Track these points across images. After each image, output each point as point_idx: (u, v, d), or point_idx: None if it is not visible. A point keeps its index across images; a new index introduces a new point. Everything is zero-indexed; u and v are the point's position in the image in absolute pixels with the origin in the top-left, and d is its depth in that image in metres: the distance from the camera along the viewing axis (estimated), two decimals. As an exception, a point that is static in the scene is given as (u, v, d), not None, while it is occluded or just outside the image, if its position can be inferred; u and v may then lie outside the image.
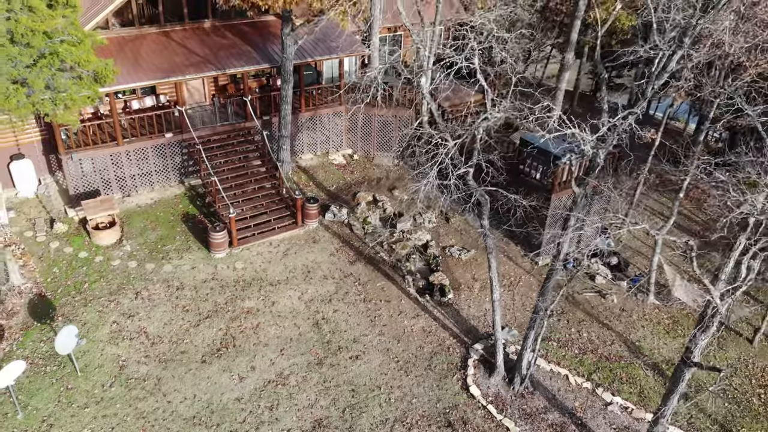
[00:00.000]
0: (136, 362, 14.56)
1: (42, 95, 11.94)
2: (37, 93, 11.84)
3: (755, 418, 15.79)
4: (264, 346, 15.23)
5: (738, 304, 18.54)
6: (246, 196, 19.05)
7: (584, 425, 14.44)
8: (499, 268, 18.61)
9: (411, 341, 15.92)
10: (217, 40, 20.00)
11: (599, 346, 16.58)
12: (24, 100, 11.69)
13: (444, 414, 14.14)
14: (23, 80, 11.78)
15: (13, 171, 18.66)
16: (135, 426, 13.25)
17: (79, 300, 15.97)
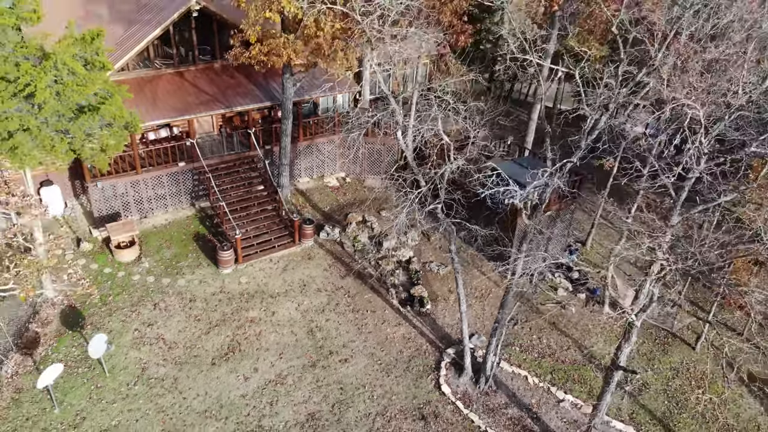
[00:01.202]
0: (156, 364, 16.74)
1: (82, 143, 14.16)
2: (77, 141, 14.06)
3: (692, 415, 18.00)
4: (265, 350, 17.43)
5: (680, 316, 20.82)
6: (250, 217, 21.27)
7: (539, 419, 16.64)
8: (473, 282, 20.88)
9: (392, 346, 18.13)
10: (225, 80, 22.28)
11: (556, 351, 18.80)
12: (66, 148, 13.91)
13: (419, 409, 16.34)
14: (66, 131, 14.01)
15: (42, 196, 20.85)
16: (156, 419, 15.43)
17: (104, 310, 18.17)
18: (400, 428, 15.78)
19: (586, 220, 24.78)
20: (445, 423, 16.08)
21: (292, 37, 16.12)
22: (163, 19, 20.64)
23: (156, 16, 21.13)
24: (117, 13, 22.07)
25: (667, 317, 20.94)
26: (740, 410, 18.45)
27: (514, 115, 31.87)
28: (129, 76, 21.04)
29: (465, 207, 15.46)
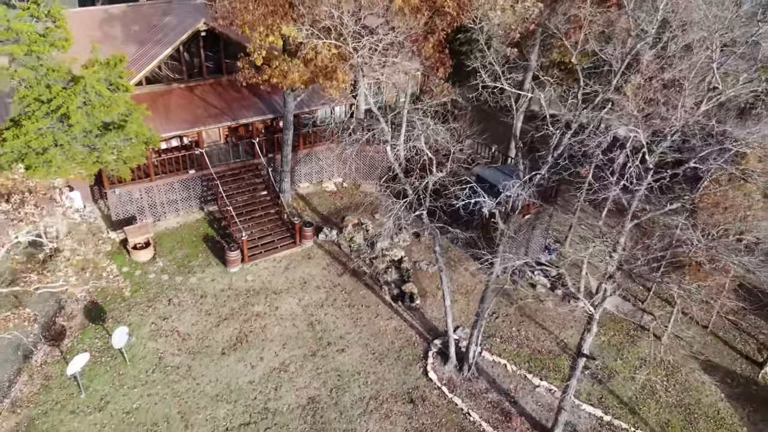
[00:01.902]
0: (171, 354, 18.43)
1: (107, 156, 15.80)
2: (103, 155, 15.70)
3: (656, 400, 19.71)
4: (270, 341, 19.12)
5: (641, 302, 22.51)
6: (254, 220, 22.93)
7: (516, 402, 18.35)
8: (459, 280, 22.57)
9: (385, 338, 19.82)
10: (231, 94, 23.92)
11: (534, 342, 20.51)
12: (95, 160, 15.55)
13: (408, 393, 18.04)
14: (93, 146, 15.65)
15: (64, 201, 22.48)
16: (172, 402, 17.12)
17: (124, 306, 19.84)
18: (391, 410, 17.49)
19: (567, 222, 26.45)
20: (431, 406, 17.79)
21: (295, 61, 17.77)
22: (173, 38, 22.26)
23: (166, 36, 22.76)
24: (130, 34, 23.68)
25: (636, 311, 22.67)
26: (702, 398, 20.17)
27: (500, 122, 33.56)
28: (143, 91, 22.65)
29: (446, 213, 17.15)
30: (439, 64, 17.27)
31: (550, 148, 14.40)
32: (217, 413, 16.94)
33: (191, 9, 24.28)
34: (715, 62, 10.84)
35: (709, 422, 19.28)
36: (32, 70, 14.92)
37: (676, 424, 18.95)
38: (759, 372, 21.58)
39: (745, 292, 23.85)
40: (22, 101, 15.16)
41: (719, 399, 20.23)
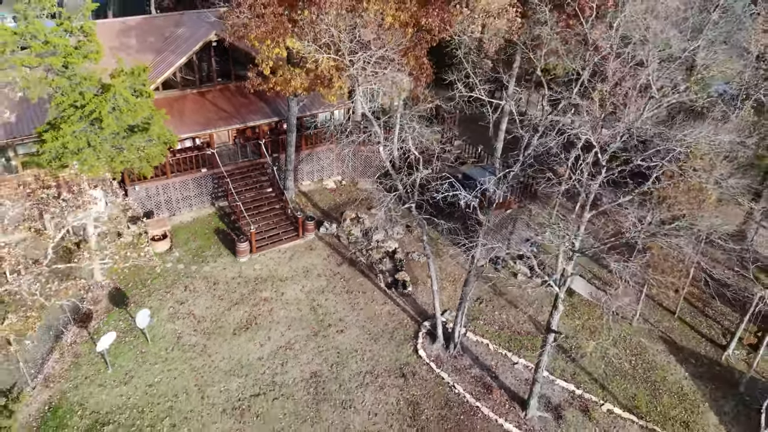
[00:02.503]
0: (188, 334, 20.39)
1: (132, 155, 17.75)
2: (129, 154, 17.65)
3: (624, 377, 21.64)
4: (276, 323, 21.09)
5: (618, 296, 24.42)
6: (261, 215, 24.87)
7: (497, 377, 20.31)
8: (447, 269, 24.52)
9: (380, 320, 21.79)
10: (239, 99, 25.86)
11: (514, 324, 22.47)
12: (123, 159, 17.50)
13: (400, 368, 20.00)
14: (121, 147, 17.60)
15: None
16: (190, 376, 19.08)
17: (144, 291, 21.80)
18: (385, 383, 19.46)
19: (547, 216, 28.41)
20: (420, 380, 19.76)
21: (297, 70, 19.70)
22: (187, 48, 24.21)
23: (180, 47, 24.69)
24: (146, 44, 25.62)
25: (606, 295, 24.58)
26: (668, 375, 22.12)
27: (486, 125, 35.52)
28: (159, 96, 24.56)
29: (432, 206, 19.14)
30: (420, 73, 19.21)
31: (520, 148, 16.35)
32: (230, 386, 18.92)
33: (201, 21, 26.21)
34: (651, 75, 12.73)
35: (673, 397, 21.23)
36: (67, 79, 16.85)
37: (641, 398, 20.90)
38: (722, 354, 23.54)
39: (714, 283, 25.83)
40: (58, 107, 17.09)
41: (683, 377, 22.19)
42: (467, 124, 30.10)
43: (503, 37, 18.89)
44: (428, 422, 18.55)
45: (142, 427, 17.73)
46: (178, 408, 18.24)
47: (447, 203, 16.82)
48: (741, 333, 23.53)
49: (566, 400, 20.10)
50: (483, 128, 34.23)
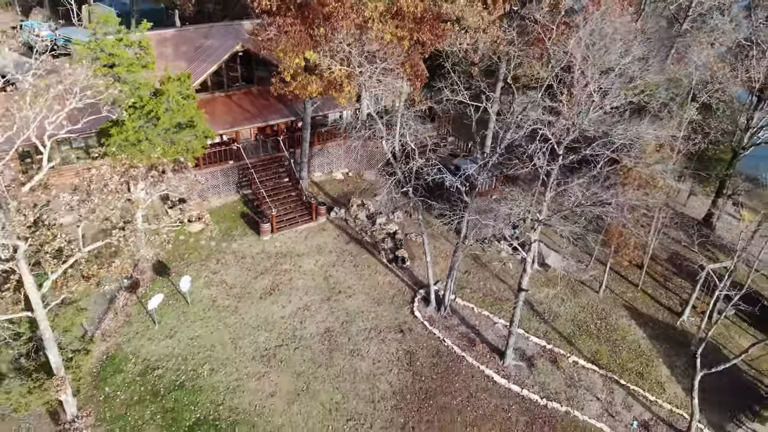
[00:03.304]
0: (222, 298, 24.14)
1: (180, 148, 21.51)
2: (179, 146, 21.41)
3: (589, 336, 25.31)
4: (295, 290, 24.82)
5: (585, 270, 28.14)
6: (280, 201, 28.60)
7: (479, 334, 24.01)
8: (441, 247, 28.20)
9: (382, 288, 25.50)
10: (261, 100, 29.60)
11: (496, 293, 26.17)
12: (174, 150, 21.27)
13: (398, 326, 23.72)
14: (171, 141, 21.36)
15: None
16: (225, 331, 22.83)
17: (182, 264, 25.56)
18: (386, 337, 23.19)
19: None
20: (416, 335, 23.48)
21: (313, 77, 23.40)
22: (217, 58, 27.96)
23: (211, 56, 28.44)
24: (180, 53, 29.36)
25: (579, 270, 28.30)
26: (628, 335, 25.78)
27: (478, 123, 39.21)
28: (192, 99, 28.32)
29: (426, 189, 22.83)
30: (416, 78, 22.86)
31: (498, 142, 20.05)
32: (258, 339, 22.67)
33: (228, 33, 29.96)
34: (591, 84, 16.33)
35: (631, 353, 24.89)
36: (129, 84, 20.61)
37: (603, 353, 24.57)
38: (677, 320, 27.20)
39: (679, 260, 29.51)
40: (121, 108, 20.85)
41: (641, 338, 25.85)
42: (459, 123, 33.82)
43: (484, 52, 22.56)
44: (422, 367, 22.29)
45: (186, 371, 21.49)
46: (215, 356, 22.01)
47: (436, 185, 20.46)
48: (694, 302, 27.23)
49: (538, 353, 23.80)
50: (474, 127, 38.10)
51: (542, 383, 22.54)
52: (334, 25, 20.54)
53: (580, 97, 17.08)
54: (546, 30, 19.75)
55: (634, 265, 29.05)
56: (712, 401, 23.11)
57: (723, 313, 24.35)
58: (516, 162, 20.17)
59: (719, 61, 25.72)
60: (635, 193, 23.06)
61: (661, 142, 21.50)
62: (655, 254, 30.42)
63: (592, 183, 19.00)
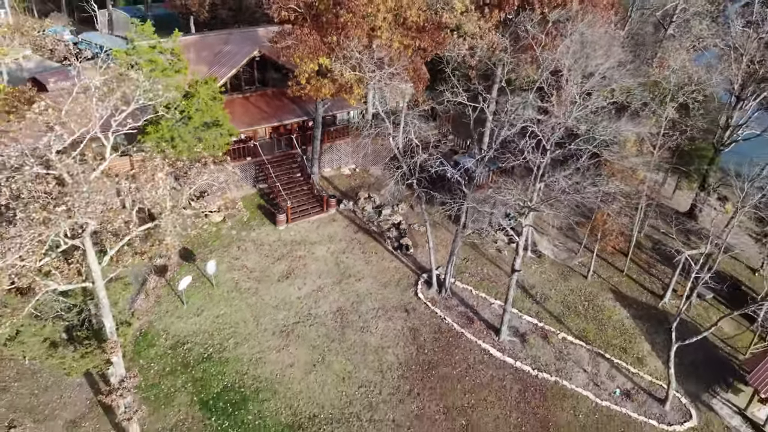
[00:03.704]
0: (243, 281, 26.42)
1: (208, 144, 23.80)
2: (206, 143, 23.69)
3: (578, 316, 27.58)
4: (309, 274, 27.09)
5: (575, 257, 30.40)
6: (293, 194, 30.88)
7: (477, 313, 26.28)
8: (442, 236, 30.48)
9: (388, 273, 27.77)
10: (275, 101, 31.87)
11: (492, 277, 28.44)
12: (202, 147, 23.56)
13: (403, 306, 25.98)
14: (200, 138, 23.65)
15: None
16: (247, 310, 25.10)
17: (206, 251, 27.83)
18: (392, 316, 25.47)
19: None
20: (419, 314, 25.76)
21: (326, 81, 25.69)
22: (236, 62, 30.23)
23: (230, 61, 30.72)
24: (201, 58, 31.62)
25: (569, 257, 30.58)
26: (613, 316, 28.06)
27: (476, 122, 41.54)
28: (213, 100, 30.61)
29: (429, 182, 25.14)
30: (419, 80, 25.15)
31: (494, 138, 22.33)
32: (277, 317, 24.95)
33: (245, 39, 32.23)
34: (575, 87, 18.56)
35: (615, 331, 27.17)
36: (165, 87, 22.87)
37: (590, 330, 26.86)
38: (659, 302, 29.48)
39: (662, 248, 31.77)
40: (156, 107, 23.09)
41: (625, 317, 28.13)
42: (458, 122, 36.09)
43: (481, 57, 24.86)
44: (425, 342, 24.58)
45: (213, 345, 23.77)
46: (239, 332, 24.29)
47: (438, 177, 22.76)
48: (675, 286, 29.48)
49: (530, 330, 26.08)
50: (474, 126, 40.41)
51: (534, 356, 24.82)
52: (347, 33, 22.82)
53: (566, 99, 19.35)
54: (535, 39, 22.02)
55: (620, 253, 31.39)
56: (690, 374, 25.41)
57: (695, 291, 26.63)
58: (509, 156, 22.41)
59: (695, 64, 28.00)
60: (617, 183, 25.38)
61: (641, 139, 23.77)
62: (641, 243, 32.73)
63: (574, 174, 21.28)
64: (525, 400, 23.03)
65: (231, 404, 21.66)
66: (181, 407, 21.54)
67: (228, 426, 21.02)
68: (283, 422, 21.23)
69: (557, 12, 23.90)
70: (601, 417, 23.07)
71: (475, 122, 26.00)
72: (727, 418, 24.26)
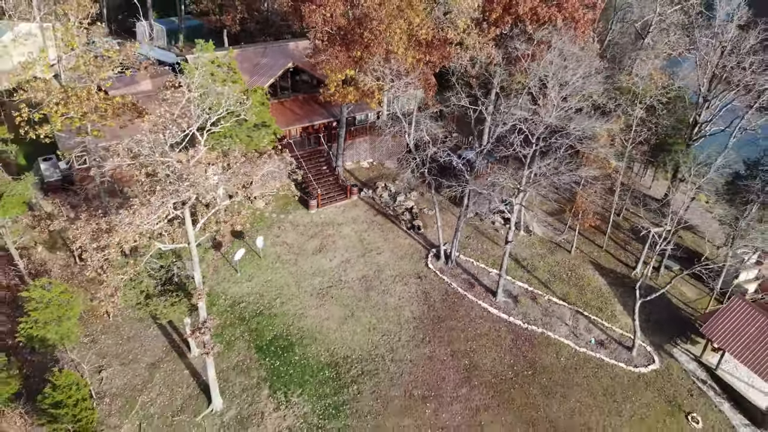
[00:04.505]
0: (285, 254, 31.55)
1: (259, 142, 28.95)
2: (256, 141, 28.83)
3: (561, 282, 32.53)
4: (338, 248, 32.18)
5: (561, 234, 35.33)
6: (321, 183, 35.96)
7: (477, 280, 31.28)
8: (448, 219, 35.55)
9: (403, 248, 32.81)
10: (305, 106, 36.95)
11: (490, 251, 33.42)
12: (254, 145, 28.69)
13: (417, 274, 31.00)
14: (251, 137, 28.80)
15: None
16: (289, 276, 30.21)
17: (252, 230, 32.93)
18: (408, 281, 30.49)
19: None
20: (429, 280, 30.79)
21: (351, 88, 30.74)
22: (273, 73, 35.31)
23: (268, 71, 35.81)
24: (243, 69, 36.62)
25: (556, 234, 35.52)
26: (592, 283, 32.99)
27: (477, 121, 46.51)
28: (253, 105, 35.73)
29: (437, 170, 30.17)
30: (428, 88, 30.13)
31: (491, 135, 27.30)
32: (314, 282, 30.07)
33: (279, 52, 37.27)
34: (554, 90, 23.48)
35: (593, 295, 32.09)
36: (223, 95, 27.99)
37: (572, 293, 31.80)
38: (632, 272, 34.37)
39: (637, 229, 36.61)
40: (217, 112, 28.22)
41: (603, 284, 33.05)
42: (462, 121, 41.12)
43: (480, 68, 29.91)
44: (435, 302, 29.63)
45: (263, 303, 28.92)
46: (284, 294, 29.43)
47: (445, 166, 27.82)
48: (646, 259, 34.33)
49: (521, 293, 31.06)
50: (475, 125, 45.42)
51: (524, 313, 29.81)
52: (370, 51, 27.87)
53: (548, 102, 24.33)
54: (524, 54, 26.94)
55: (600, 231, 36.31)
56: (655, 330, 30.32)
57: (662, 263, 31.54)
58: (503, 149, 27.39)
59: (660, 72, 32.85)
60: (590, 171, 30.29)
61: (613, 134, 28.70)
62: (619, 224, 37.61)
63: (555, 162, 26.24)
64: (516, 346, 28.05)
65: (281, 348, 26.79)
66: (241, 351, 26.69)
67: (279, 365, 26.15)
68: (322, 362, 26.34)
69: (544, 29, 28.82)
70: (579, 360, 28.04)
71: (476, 121, 31.00)
72: (685, 363, 29.14)
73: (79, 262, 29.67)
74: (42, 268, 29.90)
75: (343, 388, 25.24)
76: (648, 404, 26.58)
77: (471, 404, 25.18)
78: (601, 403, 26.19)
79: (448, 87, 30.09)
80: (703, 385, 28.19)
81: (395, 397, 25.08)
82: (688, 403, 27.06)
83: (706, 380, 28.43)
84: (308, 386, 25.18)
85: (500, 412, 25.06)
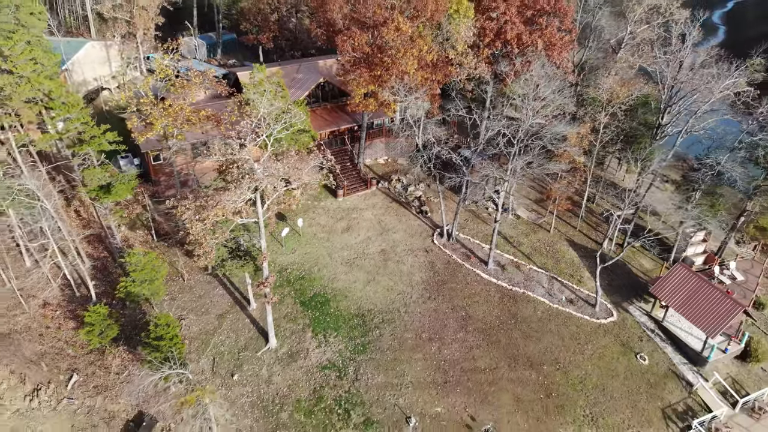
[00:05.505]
0: (319, 233, 38.73)
1: (301, 143, 36.07)
2: (300, 143, 35.96)
3: (541, 254, 39.43)
4: (361, 228, 39.29)
5: (542, 217, 42.24)
6: (346, 176, 43.01)
7: (473, 252, 38.29)
8: (450, 206, 42.59)
9: (414, 228, 39.89)
10: (333, 113, 44.03)
11: (484, 231, 40.36)
12: (296, 146, 35.81)
13: (425, 248, 38.05)
14: (296, 139, 35.94)
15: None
16: (323, 250, 37.40)
17: (292, 214, 40.21)
18: (417, 254, 37.52)
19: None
20: (435, 253, 37.81)
21: (371, 100, 37.78)
22: (307, 87, 42.41)
23: (303, 85, 42.93)
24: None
25: (538, 218, 42.47)
26: (566, 255, 39.89)
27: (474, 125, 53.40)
28: (291, 113, 42.88)
29: (441, 165, 37.26)
30: (433, 100, 37.10)
31: (483, 136, 34.29)
32: (343, 254, 37.22)
33: (311, 69, 44.37)
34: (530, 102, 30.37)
35: (567, 264, 38.90)
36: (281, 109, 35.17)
37: (549, 263, 38.70)
38: (600, 248, 41.17)
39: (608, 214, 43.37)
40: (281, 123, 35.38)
41: (575, 256, 39.89)
42: (461, 126, 48.12)
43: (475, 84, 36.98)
44: (439, 269, 36.68)
45: (304, 269, 36.11)
46: (320, 263, 36.63)
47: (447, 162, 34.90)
48: (611, 236, 41.10)
49: (508, 263, 38.05)
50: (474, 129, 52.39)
51: (510, 278, 36.81)
52: (389, 71, 34.95)
53: (527, 111, 31.28)
54: (507, 73, 33.88)
55: (576, 215, 43.16)
56: (616, 292, 37.15)
57: (625, 240, 38.30)
58: (492, 149, 34.37)
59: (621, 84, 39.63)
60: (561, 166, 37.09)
61: (581, 136, 35.59)
62: (593, 210, 44.39)
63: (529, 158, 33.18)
64: (503, 302, 35.08)
65: (319, 303, 34.00)
66: (288, 305, 33.92)
67: (318, 315, 33.36)
68: (352, 313, 33.51)
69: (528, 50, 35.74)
70: (552, 313, 34.99)
71: (472, 126, 37.92)
72: (638, 316, 35.95)
73: (157, 239, 37.13)
74: (125, 243, 37.34)
75: (368, 331, 32.42)
76: (605, 346, 33.50)
77: (466, 344, 32.27)
78: (568, 344, 33.15)
79: (450, 99, 37.16)
80: (651, 333, 35.01)
81: (408, 339, 32.22)
82: (638, 346, 33.93)
83: (654, 329, 35.26)
84: (342, 330, 32.38)
85: (489, 350, 32.12)
